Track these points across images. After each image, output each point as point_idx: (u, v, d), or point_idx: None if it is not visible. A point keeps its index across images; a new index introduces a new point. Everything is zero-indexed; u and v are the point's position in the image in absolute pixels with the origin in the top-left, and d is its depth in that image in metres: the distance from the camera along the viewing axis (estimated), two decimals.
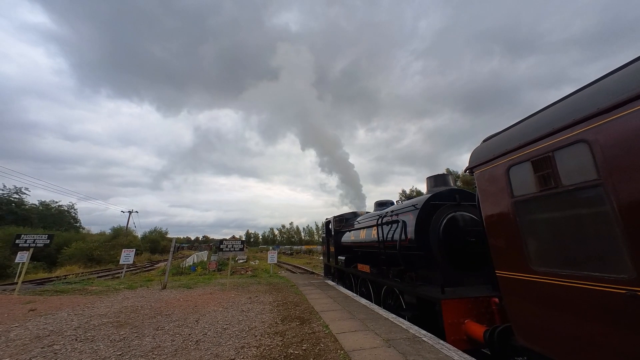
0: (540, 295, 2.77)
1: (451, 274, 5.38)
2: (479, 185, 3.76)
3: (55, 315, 6.02)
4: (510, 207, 3.16)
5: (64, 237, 30.94)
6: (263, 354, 3.85)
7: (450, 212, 5.74)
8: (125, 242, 35.54)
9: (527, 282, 2.89)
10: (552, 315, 2.66)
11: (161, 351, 3.98)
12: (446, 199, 5.96)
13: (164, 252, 52.36)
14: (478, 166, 3.79)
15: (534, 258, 2.87)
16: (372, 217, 8.92)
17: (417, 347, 3.92)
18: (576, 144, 2.52)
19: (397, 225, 6.53)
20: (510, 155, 3.23)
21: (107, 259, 29.98)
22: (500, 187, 3.33)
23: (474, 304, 4.48)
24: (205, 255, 35.40)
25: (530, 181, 2.94)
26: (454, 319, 4.37)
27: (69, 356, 3.83)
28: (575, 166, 2.54)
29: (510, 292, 3.17)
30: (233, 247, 10.22)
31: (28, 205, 39.61)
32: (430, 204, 5.90)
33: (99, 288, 9.82)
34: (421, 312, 5.15)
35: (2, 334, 4.74)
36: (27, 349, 4.10)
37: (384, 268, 7.14)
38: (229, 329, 4.97)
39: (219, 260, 23.53)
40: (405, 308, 5.78)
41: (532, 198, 2.91)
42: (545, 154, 2.77)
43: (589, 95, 2.61)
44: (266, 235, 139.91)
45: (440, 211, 5.80)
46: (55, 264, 26.58)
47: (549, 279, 2.67)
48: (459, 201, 5.87)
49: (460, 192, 6.16)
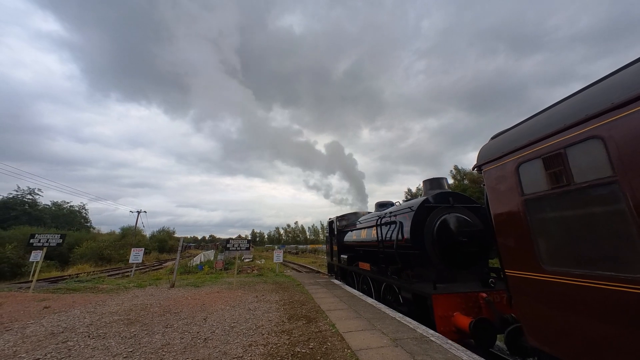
0: (552, 295, 2.71)
1: (444, 272, 5.74)
2: (488, 183, 3.70)
3: (69, 313, 6.18)
4: (520, 205, 3.09)
5: (76, 237, 31.73)
6: (270, 352, 3.87)
7: (443, 214, 6.09)
8: (134, 241, 36.23)
9: (538, 282, 2.83)
10: (565, 315, 2.60)
11: (171, 348, 4.04)
12: (440, 202, 6.29)
13: (171, 251, 53.19)
14: (486, 164, 3.73)
15: (545, 257, 2.81)
16: (372, 217, 9.26)
17: (424, 347, 3.89)
18: (589, 140, 2.45)
19: (394, 226, 6.85)
20: (520, 152, 3.16)
21: (116, 258, 30.62)
22: (509, 185, 3.27)
23: (462, 298, 4.87)
24: (212, 255, 35.84)
25: (541, 179, 2.87)
26: (444, 312, 4.77)
27: (82, 352, 3.93)
28: (588, 163, 2.47)
29: (521, 292, 3.12)
30: (239, 246, 10.32)
31: (41, 205, 40.76)
32: (425, 206, 6.25)
33: (110, 286, 10.04)
34: (417, 307, 5.50)
35: (19, 330, 4.90)
36: (42, 345, 4.22)
37: (383, 266, 7.50)
38: (237, 327, 5.02)
39: (226, 259, 23.78)
40: (402, 303, 6.15)
41: (543, 196, 2.85)
42: (557, 151, 2.71)
43: (602, 90, 2.53)
44: (272, 235, 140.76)
45: (434, 213, 6.14)
46: (68, 263, 27.28)
47: (561, 279, 2.61)
48: (452, 203, 6.21)
49: (453, 195, 6.47)
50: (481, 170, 3.86)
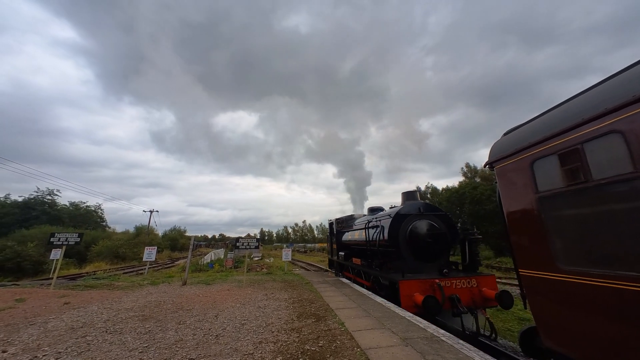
0: (568, 296, 2.63)
1: (413, 264, 7.42)
2: (500, 180, 3.61)
3: (87, 309, 6.43)
4: (534, 203, 3.01)
5: (92, 236, 32.90)
6: (280, 349, 3.92)
7: (415, 220, 7.76)
8: (147, 240, 37.24)
9: (554, 282, 2.75)
10: (582, 316, 2.52)
11: (184, 344, 4.15)
12: (412, 211, 7.95)
13: (183, 250, 54.37)
14: (499, 161, 3.64)
15: (561, 256, 2.72)
16: (363, 221, 10.98)
17: (435, 347, 3.84)
18: (609, 134, 2.36)
19: (378, 229, 8.41)
20: (534, 148, 3.07)
21: (131, 256, 31.58)
22: (523, 183, 3.18)
23: (421, 283, 6.49)
24: (221, 253, 36.44)
25: (557, 176, 2.78)
26: (407, 292, 6.35)
27: (100, 347, 4.08)
28: (607, 159, 2.37)
29: (536, 292, 3.03)
30: (249, 245, 10.45)
31: (59, 205, 42.35)
32: (400, 214, 7.89)
33: (125, 284, 10.36)
34: (391, 290, 7.02)
35: (41, 325, 5.13)
36: (63, 339, 4.41)
37: (370, 261, 9.34)
38: (247, 325, 5.09)
39: (236, 257, 24.12)
40: (382, 288, 7.75)
41: (559, 193, 2.76)
42: (574, 147, 2.61)
43: (622, 82, 2.42)
44: (280, 234, 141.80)
45: (407, 219, 7.77)
46: (85, 261, 28.32)
47: (578, 279, 2.52)
48: (422, 212, 7.91)
49: (423, 204, 8.17)
50: (493, 168, 3.77)
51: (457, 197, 42.33)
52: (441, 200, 49.58)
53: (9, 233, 27.87)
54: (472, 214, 38.29)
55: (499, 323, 8.49)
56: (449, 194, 46.03)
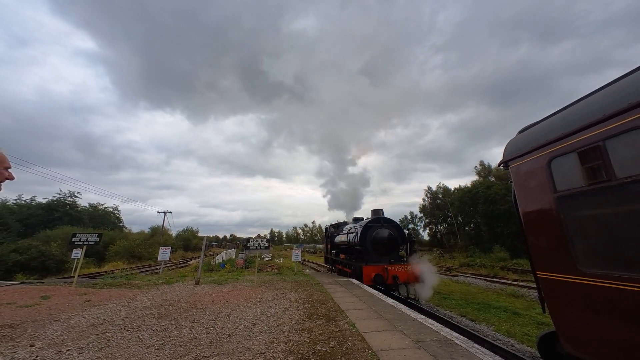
0: (590, 299, 2.51)
1: (375, 257, 11.51)
2: (516, 180, 3.50)
3: (106, 306, 6.69)
4: (552, 203, 2.90)
5: (110, 236, 34.20)
6: (292, 349, 3.94)
7: (377, 228, 12.08)
8: (161, 240, 38.35)
9: (575, 285, 2.64)
10: (605, 321, 2.40)
11: (198, 342, 4.24)
12: (375, 222, 12.34)
13: (195, 250, 55.62)
14: (514, 159, 3.53)
15: (582, 258, 2.61)
16: (347, 228, 15.52)
17: (449, 350, 3.76)
18: (633, 131, 2.24)
19: (354, 234, 13.04)
20: (551, 146, 2.96)
21: (146, 255, 32.61)
22: (540, 182, 3.07)
23: (376, 268, 10.55)
24: (233, 253, 37.02)
25: (577, 174, 2.67)
26: (367, 273, 10.43)
27: (119, 343, 4.23)
28: (631, 156, 2.26)
29: (555, 295, 2.92)
30: (259, 245, 10.57)
31: (80, 207, 44.29)
32: (367, 225, 12.25)
33: (141, 282, 10.71)
34: (360, 272, 10.71)
35: (65, 321, 5.38)
36: (85, 335, 4.60)
37: (350, 256, 14.13)
38: (259, 324, 5.15)
39: (246, 257, 24.43)
40: (355, 271, 11.81)
41: (579, 193, 2.65)
42: (595, 144, 2.50)
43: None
44: (290, 234, 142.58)
45: (372, 228, 12.09)
46: (104, 260, 29.46)
47: (601, 282, 2.41)
48: (382, 223, 12.27)
49: (383, 218, 12.64)
50: (508, 166, 3.66)
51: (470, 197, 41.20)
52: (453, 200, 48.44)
53: (34, 233, 29.40)
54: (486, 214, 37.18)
55: (515, 327, 8.21)
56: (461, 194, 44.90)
